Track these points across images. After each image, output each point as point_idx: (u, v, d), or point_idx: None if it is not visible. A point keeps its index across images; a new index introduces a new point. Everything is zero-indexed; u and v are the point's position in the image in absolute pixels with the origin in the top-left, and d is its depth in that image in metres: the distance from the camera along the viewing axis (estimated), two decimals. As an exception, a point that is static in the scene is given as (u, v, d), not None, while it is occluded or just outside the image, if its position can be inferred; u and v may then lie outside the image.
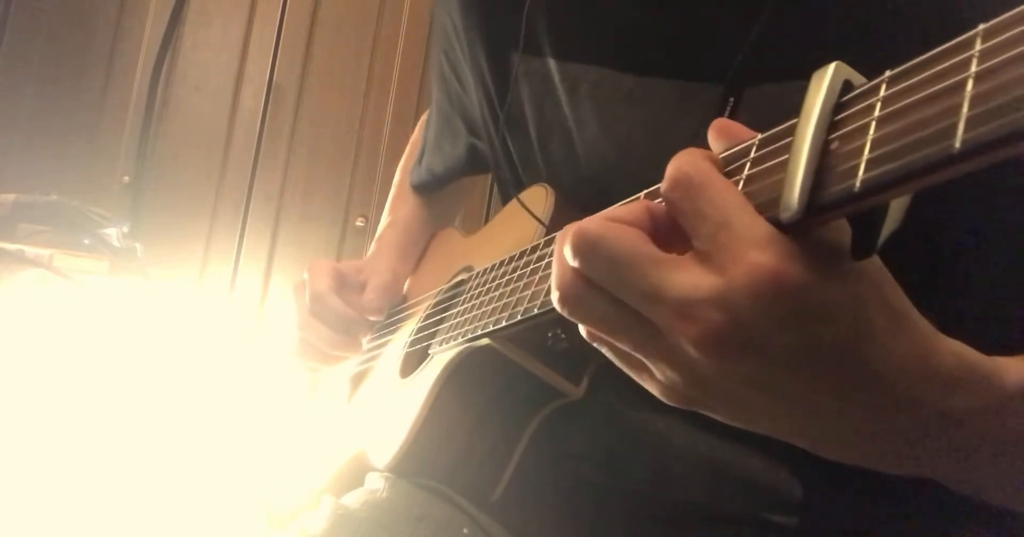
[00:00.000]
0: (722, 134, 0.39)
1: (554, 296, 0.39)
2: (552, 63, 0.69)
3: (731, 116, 0.58)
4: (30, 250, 1.45)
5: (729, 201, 0.34)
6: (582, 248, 0.36)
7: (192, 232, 2.12)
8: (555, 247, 0.39)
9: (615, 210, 0.38)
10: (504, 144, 0.76)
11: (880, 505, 0.62)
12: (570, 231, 0.37)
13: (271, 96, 2.14)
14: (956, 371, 0.37)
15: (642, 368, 0.39)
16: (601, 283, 0.37)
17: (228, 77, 2.16)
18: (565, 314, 0.39)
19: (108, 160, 2.09)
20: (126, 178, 2.07)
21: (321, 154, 2.19)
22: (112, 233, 1.60)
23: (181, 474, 1.34)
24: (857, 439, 0.39)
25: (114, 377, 1.41)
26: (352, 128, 2.20)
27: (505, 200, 0.80)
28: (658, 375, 0.38)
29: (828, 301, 0.33)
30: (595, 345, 0.41)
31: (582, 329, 0.40)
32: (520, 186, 0.75)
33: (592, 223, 0.37)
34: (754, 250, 0.33)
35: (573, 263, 0.37)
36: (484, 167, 0.86)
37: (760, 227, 0.33)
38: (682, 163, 0.36)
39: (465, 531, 0.65)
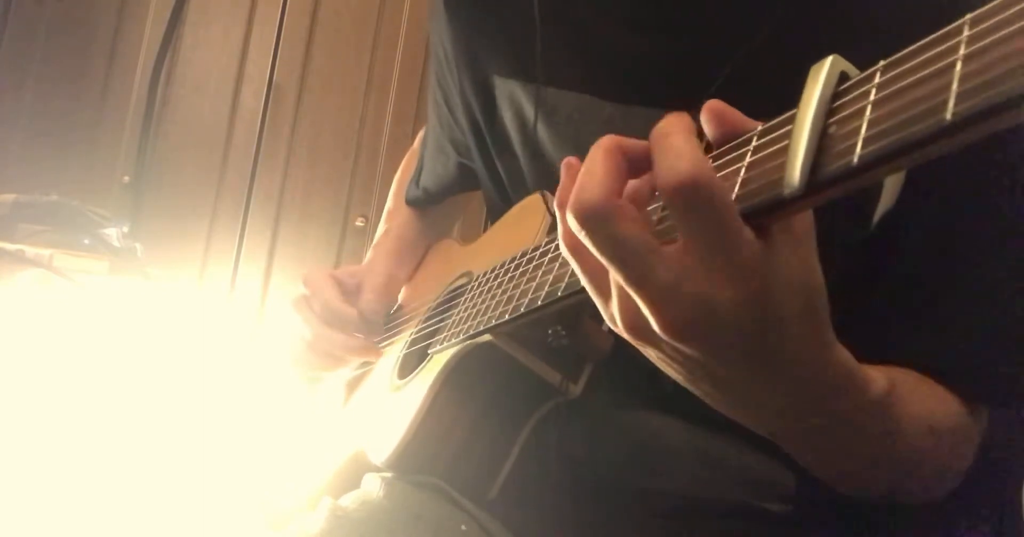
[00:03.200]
0: (715, 119, 0.40)
1: (560, 240, 0.42)
2: (535, 88, 0.70)
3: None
4: (30, 250, 1.45)
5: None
6: (588, 222, 0.39)
7: (192, 232, 2.12)
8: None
9: (616, 179, 0.40)
10: (492, 166, 0.77)
11: (874, 500, 0.62)
12: (577, 199, 0.39)
13: (271, 96, 2.14)
14: (841, 378, 0.44)
15: (607, 297, 0.43)
16: (598, 251, 0.39)
17: (228, 77, 2.16)
18: (564, 253, 0.42)
19: (108, 160, 2.10)
20: (126, 178, 2.07)
21: (321, 154, 2.19)
22: (112, 233, 1.60)
23: (180, 475, 1.34)
24: (742, 402, 0.46)
25: (114, 377, 1.41)
26: (352, 128, 2.20)
27: (494, 220, 0.82)
28: (620, 312, 0.42)
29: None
30: (572, 260, 0.43)
31: (562, 242, 0.43)
32: (509, 205, 0.76)
33: (600, 199, 0.39)
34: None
35: (579, 234, 0.40)
36: (477, 184, 0.88)
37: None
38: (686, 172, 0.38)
39: (463, 528, 0.65)
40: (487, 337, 0.62)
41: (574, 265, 0.43)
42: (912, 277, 0.58)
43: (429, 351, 0.72)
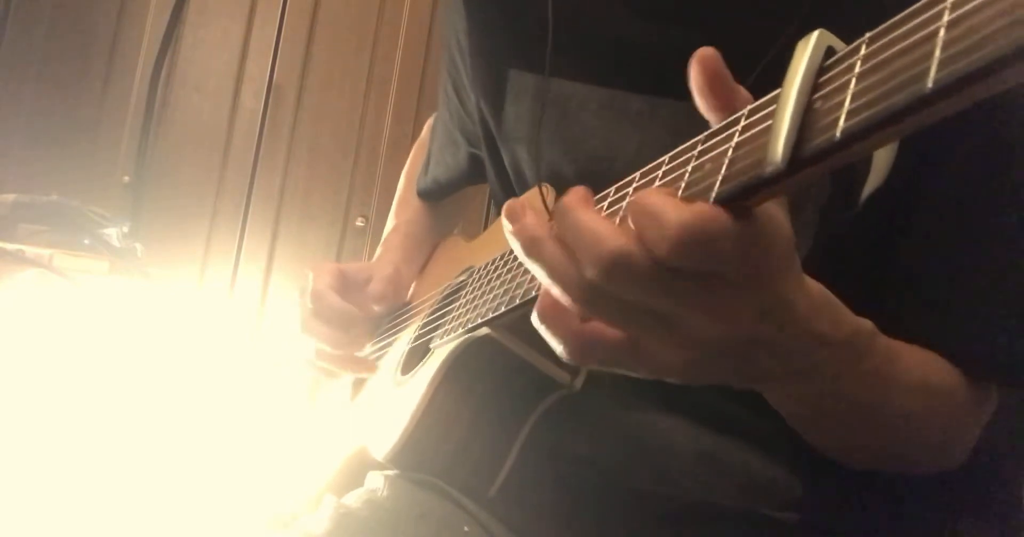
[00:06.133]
0: (707, 86, 0.40)
1: (620, 266, 0.39)
2: (557, 81, 0.69)
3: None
4: (30, 250, 1.45)
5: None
6: (696, 244, 0.37)
7: (192, 232, 2.12)
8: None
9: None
10: (498, 159, 0.77)
11: (878, 502, 0.62)
12: (682, 227, 0.37)
13: (271, 96, 2.14)
14: (819, 302, 0.44)
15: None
16: (688, 273, 0.38)
17: (228, 77, 2.16)
18: (608, 283, 0.40)
19: (108, 160, 2.09)
20: (126, 178, 2.07)
21: (321, 154, 2.19)
22: (112, 233, 1.60)
23: (182, 475, 1.34)
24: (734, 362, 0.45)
25: (114, 377, 1.40)
26: (352, 128, 2.20)
27: (499, 214, 0.82)
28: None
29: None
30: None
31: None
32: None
33: (700, 223, 0.37)
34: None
35: (673, 258, 0.38)
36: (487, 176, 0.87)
37: None
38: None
39: (466, 529, 0.65)
40: (486, 330, 0.62)
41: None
42: (912, 255, 0.58)
43: (430, 346, 0.72)
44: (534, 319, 0.44)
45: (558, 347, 0.43)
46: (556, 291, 0.41)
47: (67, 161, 2.04)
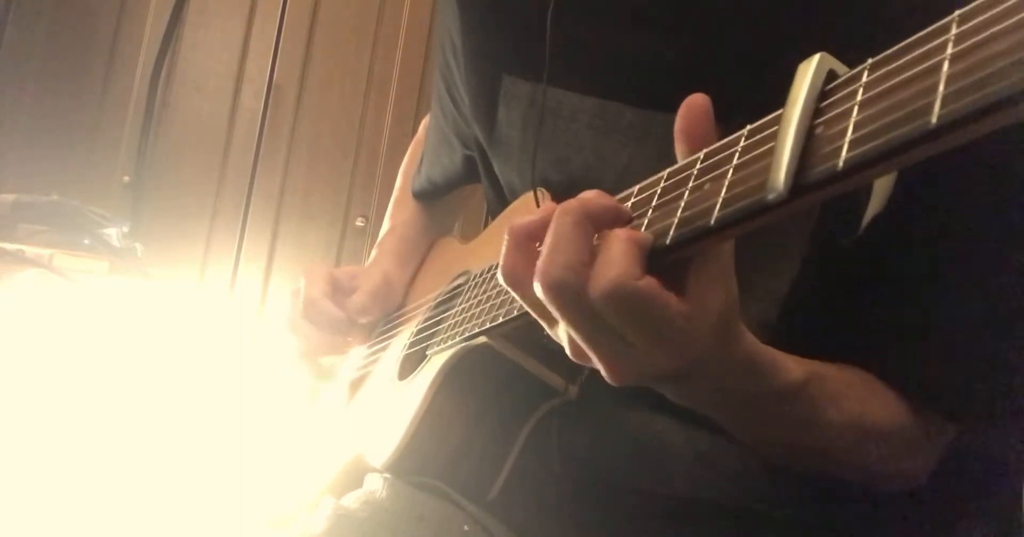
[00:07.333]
0: (687, 137, 0.42)
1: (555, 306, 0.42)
2: (550, 90, 0.69)
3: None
4: (30, 250, 1.45)
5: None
6: (621, 303, 0.40)
7: (192, 232, 2.12)
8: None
9: (586, 253, 0.42)
10: (488, 164, 0.77)
11: (876, 500, 0.62)
12: (611, 281, 0.40)
13: (271, 96, 2.13)
14: (745, 365, 0.48)
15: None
16: (610, 321, 0.42)
17: (228, 77, 2.16)
18: (548, 300, 0.43)
19: (108, 160, 2.09)
20: (126, 178, 2.07)
21: (321, 154, 2.19)
22: (112, 233, 1.60)
23: (181, 475, 1.34)
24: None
25: (114, 377, 1.41)
26: (352, 128, 2.20)
27: (493, 216, 0.82)
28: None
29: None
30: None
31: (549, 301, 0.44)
32: (504, 204, 0.75)
33: (631, 281, 0.40)
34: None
35: (607, 313, 0.41)
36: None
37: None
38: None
39: (466, 528, 0.65)
40: (483, 339, 0.62)
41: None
42: (888, 282, 0.58)
43: (427, 353, 0.72)
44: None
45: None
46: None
47: (67, 161, 2.04)
